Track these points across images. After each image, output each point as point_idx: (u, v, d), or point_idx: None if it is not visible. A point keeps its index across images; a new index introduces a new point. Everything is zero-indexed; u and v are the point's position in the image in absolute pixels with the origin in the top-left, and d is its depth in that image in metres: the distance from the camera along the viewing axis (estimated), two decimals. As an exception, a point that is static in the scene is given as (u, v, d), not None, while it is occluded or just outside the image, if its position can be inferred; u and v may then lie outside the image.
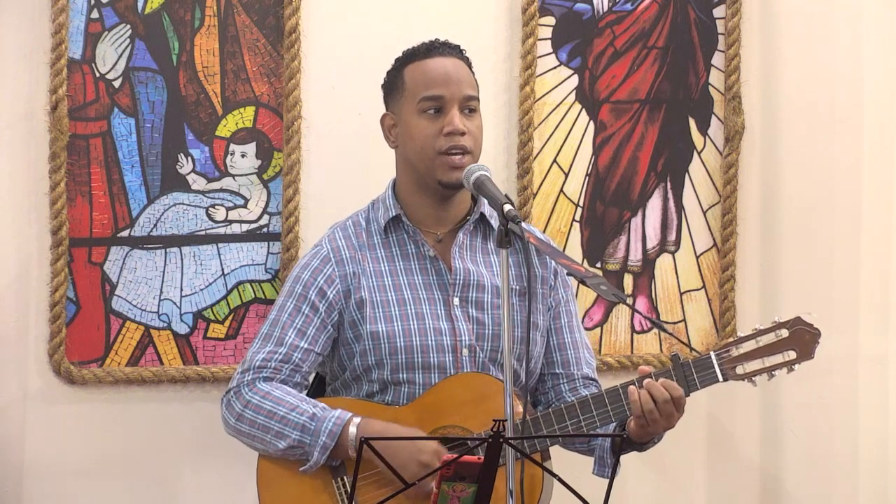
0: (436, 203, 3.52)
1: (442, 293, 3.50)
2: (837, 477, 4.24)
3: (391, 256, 3.53)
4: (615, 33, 4.16)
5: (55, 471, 3.98)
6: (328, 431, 3.37)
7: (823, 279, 4.23)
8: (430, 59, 3.50)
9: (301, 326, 3.48)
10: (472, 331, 3.48)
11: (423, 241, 3.52)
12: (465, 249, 3.54)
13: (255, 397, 3.45)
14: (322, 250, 3.54)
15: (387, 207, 3.54)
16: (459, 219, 3.55)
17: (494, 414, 3.05)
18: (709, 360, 3.37)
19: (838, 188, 4.23)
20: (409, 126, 3.49)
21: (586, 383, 3.58)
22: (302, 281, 3.51)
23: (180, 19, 3.99)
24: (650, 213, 4.19)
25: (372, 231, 3.55)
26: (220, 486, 4.01)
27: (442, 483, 2.91)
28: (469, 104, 3.49)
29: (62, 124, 3.92)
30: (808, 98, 4.21)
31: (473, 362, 3.48)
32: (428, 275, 3.52)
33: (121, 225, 3.99)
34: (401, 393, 3.47)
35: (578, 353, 3.60)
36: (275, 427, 3.41)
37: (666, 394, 3.30)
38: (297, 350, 3.47)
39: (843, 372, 4.21)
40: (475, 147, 3.48)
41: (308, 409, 3.40)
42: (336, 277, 3.50)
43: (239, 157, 4.04)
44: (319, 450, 3.37)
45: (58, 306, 3.93)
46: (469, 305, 3.50)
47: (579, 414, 3.37)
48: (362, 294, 3.48)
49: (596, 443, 3.49)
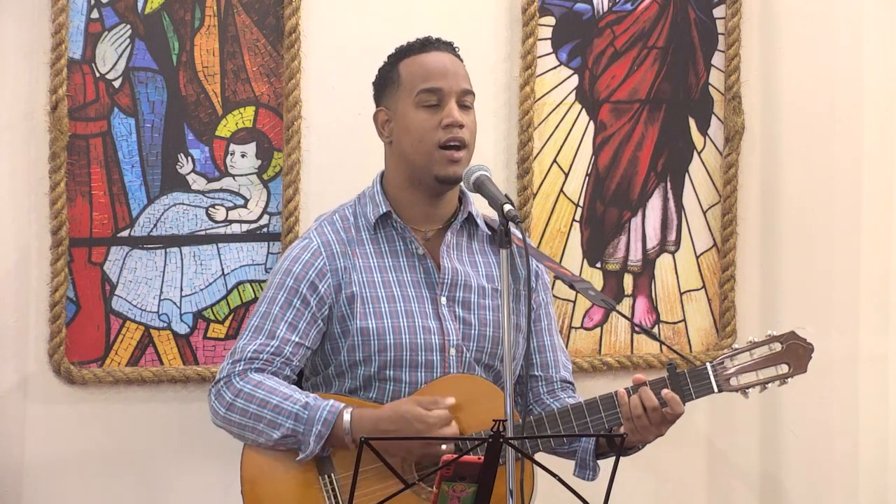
0: (426, 200, 3.52)
1: (430, 292, 3.50)
2: (837, 477, 4.25)
3: (380, 252, 3.52)
4: (615, 33, 4.16)
5: (55, 470, 3.98)
6: (322, 420, 3.35)
7: (823, 279, 4.23)
8: (427, 53, 3.51)
9: (292, 320, 3.47)
10: (459, 330, 3.48)
11: (412, 239, 3.52)
12: (453, 249, 3.53)
13: (246, 386, 3.43)
14: (312, 243, 3.52)
15: (375, 203, 3.53)
16: (447, 217, 3.55)
17: (486, 416, 3.06)
18: (704, 370, 3.38)
19: (838, 188, 4.23)
20: (405, 119, 3.49)
21: (563, 386, 3.60)
22: (293, 274, 3.49)
23: (180, 19, 3.99)
24: (650, 213, 4.19)
25: (360, 226, 3.54)
26: (220, 486, 4.01)
27: (442, 483, 2.91)
28: (465, 99, 3.49)
29: (62, 124, 3.91)
30: (808, 98, 4.21)
31: (460, 362, 3.47)
32: (416, 272, 3.51)
33: (121, 225, 3.99)
34: (385, 390, 3.46)
35: (557, 356, 3.61)
36: (267, 416, 3.39)
37: (655, 402, 3.31)
38: (288, 343, 3.46)
39: (843, 372, 4.21)
40: (471, 141, 3.49)
41: (301, 398, 3.39)
42: (327, 271, 3.49)
43: (239, 157, 4.04)
44: (314, 438, 3.36)
45: (58, 306, 3.93)
46: (456, 305, 3.50)
47: (573, 419, 3.37)
48: (353, 289, 3.47)
49: (578, 444, 3.48)
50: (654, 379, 3.36)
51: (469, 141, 3.48)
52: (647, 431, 3.33)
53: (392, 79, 3.53)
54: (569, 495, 2.94)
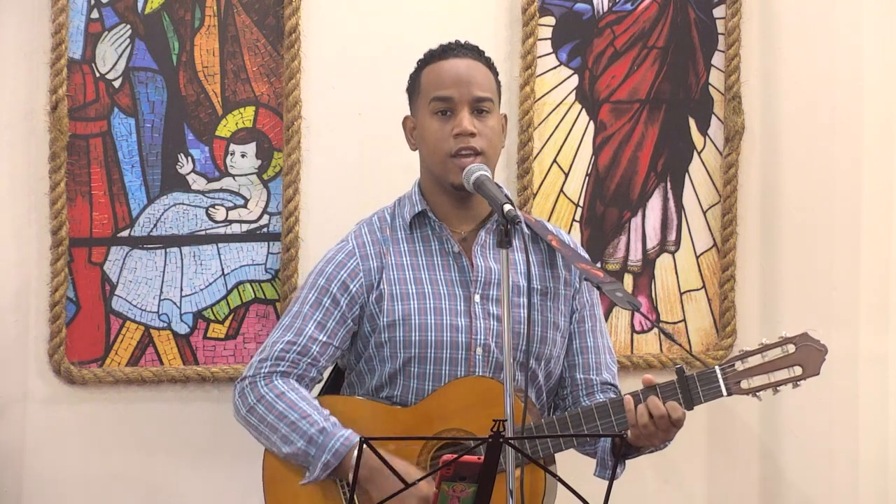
0: (456, 203, 3.52)
1: (464, 290, 3.50)
2: (837, 477, 4.24)
3: (415, 251, 3.53)
4: (615, 33, 4.16)
5: (55, 471, 3.98)
6: (334, 450, 3.37)
7: (823, 279, 4.23)
8: (445, 60, 3.51)
9: (321, 319, 3.49)
10: (491, 329, 3.48)
11: (448, 237, 3.52)
12: (487, 248, 3.54)
13: (269, 394, 3.46)
14: (347, 245, 3.54)
15: (413, 203, 3.55)
16: (482, 218, 3.55)
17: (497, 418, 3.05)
18: (713, 374, 3.36)
19: (838, 188, 4.23)
20: (422, 128, 3.51)
21: (605, 388, 3.58)
22: (325, 274, 3.52)
23: (180, 19, 3.99)
24: (650, 213, 4.19)
25: (397, 226, 3.56)
26: (220, 486, 4.01)
27: (442, 483, 2.91)
28: (481, 105, 3.48)
29: (62, 124, 3.92)
30: (808, 98, 4.21)
31: (486, 361, 3.47)
32: (451, 271, 3.52)
33: (121, 225, 3.99)
34: (409, 388, 3.47)
35: (599, 358, 3.60)
36: (283, 430, 3.41)
37: (663, 410, 3.30)
38: (315, 343, 3.48)
39: (843, 372, 4.20)
40: (488, 148, 3.47)
41: (319, 420, 3.40)
42: (360, 271, 3.50)
43: (239, 157, 4.04)
44: (321, 466, 3.37)
45: (58, 306, 3.93)
46: (489, 303, 3.50)
47: (583, 423, 3.37)
48: (383, 287, 3.49)
49: (599, 445, 3.49)
50: (662, 383, 3.35)
51: (484, 148, 3.46)
52: (654, 437, 3.33)
53: (415, 87, 3.55)
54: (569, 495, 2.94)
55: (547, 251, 3.58)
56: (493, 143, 3.48)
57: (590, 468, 3.50)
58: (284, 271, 4.01)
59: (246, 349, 4.01)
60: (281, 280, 4.02)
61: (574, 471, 3.21)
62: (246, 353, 4.00)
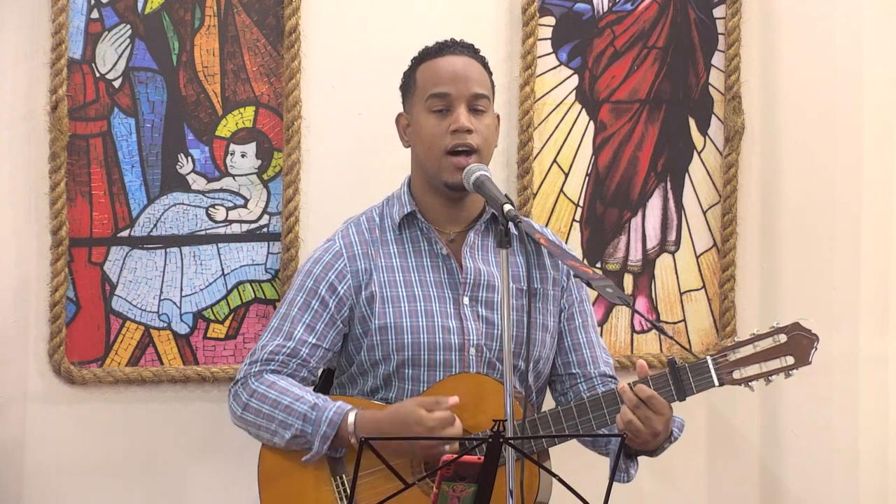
0: (447, 203, 3.52)
1: (452, 292, 3.50)
2: (837, 477, 4.25)
3: (404, 253, 3.53)
4: (615, 33, 4.16)
5: (55, 471, 3.98)
6: (328, 420, 3.37)
7: (823, 279, 4.23)
8: (441, 57, 3.51)
9: (310, 321, 3.49)
10: (481, 330, 3.48)
11: (436, 239, 3.52)
12: (476, 249, 3.54)
13: (260, 387, 3.46)
14: (334, 245, 3.54)
15: (402, 204, 3.54)
16: (471, 219, 3.55)
17: (493, 416, 3.05)
18: (705, 364, 3.36)
19: (838, 188, 4.23)
20: (418, 125, 3.50)
21: (605, 381, 3.59)
22: (313, 275, 3.51)
23: (180, 19, 4.00)
24: (650, 213, 4.19)
25: (385, 227, 3.55)
26: (220, 486, 4.01)
27: (442, 483, 2.91)
28: (477, 103, 3.48)
29: (62, 124, 3.92)
30: (808, 98, 4.21)
31: (480, 362, 3.48)
32: (439, 273, 3.52)
33: (121, 225, 3.99)
34: (404, 390, 3.47)
35: (594, 353, 3.60)
36: (279, 416, 3.42)
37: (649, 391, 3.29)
38: (304, 345, 3.48)
39: (843, 372, 4.21)
40: (483, 146, 3.47)
41: (310, 398, 3.41)
42: (347, 273, 3.50)
43: (239, 157, 4.04)
44: (320, 439, 3.37)
45: (58, 306, 3.93)
46: (479, 305, 3.50)
47: (576, 417, 3.37)
48: (373, 289, 3.49)
49: (610, 445, 3.49)
50: (655, 374, 3.36)
51: (480, 145, 3.46)
52: (651, 422, 3.30)
53: (410, 84, 3.54)
54: (569, 495, 2.94)
55: (535, 251, 3.58)
56: (488, 142, 3.49)
57: (589, 467, 3.50)
58: (284, 271, 4.01)
59: (246, 349, 4.01)
60: (281, 280, 4.02)
61: (573, 470, 3.21)
62: (246, 353, 4.00)
